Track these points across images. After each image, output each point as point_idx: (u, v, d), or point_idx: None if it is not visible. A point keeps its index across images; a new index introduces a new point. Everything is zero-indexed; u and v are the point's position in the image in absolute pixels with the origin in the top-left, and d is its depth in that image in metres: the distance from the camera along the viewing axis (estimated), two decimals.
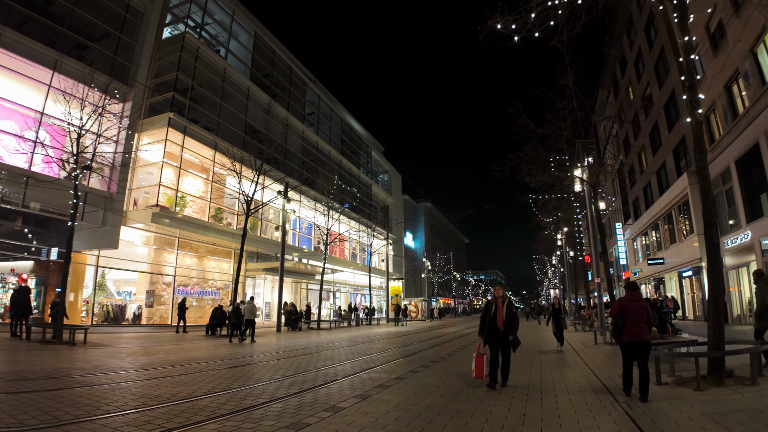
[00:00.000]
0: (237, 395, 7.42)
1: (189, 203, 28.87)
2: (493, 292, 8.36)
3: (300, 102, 42.29)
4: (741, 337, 13.41)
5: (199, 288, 30.51)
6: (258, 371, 10.24)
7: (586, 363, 10.80)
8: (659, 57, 30.04)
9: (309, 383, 8.52)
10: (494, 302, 8.17)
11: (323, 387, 8.12)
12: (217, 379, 9.13)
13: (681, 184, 25.79)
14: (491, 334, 7.97)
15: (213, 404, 6.72)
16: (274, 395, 7.39)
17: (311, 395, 7.38)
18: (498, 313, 8.00)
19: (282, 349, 15.92)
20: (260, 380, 8.93)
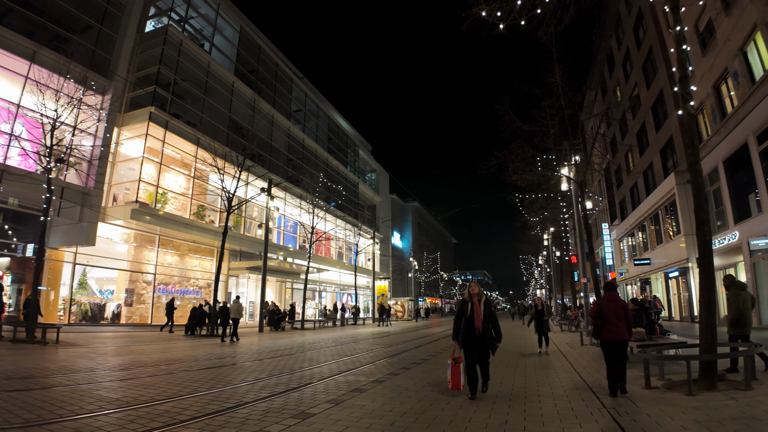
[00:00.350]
0: (202, 399, 6.96)
1: (170, 200, 28.26)
2: (468, 289, 7.34)
3: (286, 99, 41.72)
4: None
5: (181, 287, 29.86)
6: (231, 373, 9.76)
7: (571, 364, 10.45)
8: (647, 57, 29.89)
9: (282, 386, 8.07)
10: (470, 301, 7.15)
11: (295, 391, 7.66)
12: (186, 381, 8.66)
13: (668, 184, 25.63)
14: (468, 337, 6.96)
15: (174, 409, 6.27)
16: (243, 400, 6.94)
17: (281, 400, 6.93)
18: (475, 313, 6.99)
19: (260, 350, 15.44)
20: (231, 383, 8.46)
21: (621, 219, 39.67)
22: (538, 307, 14.35)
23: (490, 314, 7.06)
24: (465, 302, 7.18)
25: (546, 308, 14.38)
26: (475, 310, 7.01)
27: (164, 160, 27.39)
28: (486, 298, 7.22)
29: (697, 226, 7.58)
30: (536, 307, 14.51)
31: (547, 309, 14.67)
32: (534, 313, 14.63)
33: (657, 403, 6.18)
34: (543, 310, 14.06)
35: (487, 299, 7.24)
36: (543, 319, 13.86)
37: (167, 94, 27.69)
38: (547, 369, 10.02)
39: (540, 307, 14.22)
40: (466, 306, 7.14)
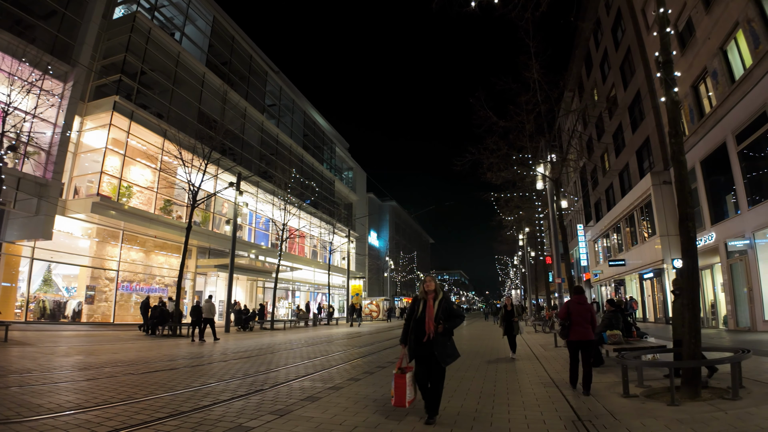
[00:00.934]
0: (133, 408, 6.17)
1: (136, 194, 27.14)
2: (422, 285, 5.95)
3: (260, 92, 40.69)
4: (708, 342, 12.75)
5: (146, 284, 28.71)
6: (174, 378, 8.93)
7: (545, 369, 9.86)
8: (625, 57, 29.75)
9: (228, 394, 7.29)
10: (423, 299, 5.81)
11: (241, 399, 6.89)
12: (125, 386, 7.85)
13: (644, 184, 25.40)
14: (418, 343, 5.59)
15: (97, 419, 5.47)
16: (179, 409, 6.16)
17: (221, 410, 6.16)
18: (427, 313, 5.62)
19: (219, 353, 14.57)
20: (174, 389, 7.65)
21: (596, 220, 39.57)
22: (507, 307, 12.99)
23: (448, 316, 5.66)
24: (417, 300, 5.86)
25: (516, 309, 13.12)
26: (427, 311, 5.63)
27: (129, 152, 26.30)
28: (444, 295, 5.80)
29: (680, 221, 7.04)
30: (505, 307, 13.12)
31: (517, 310, 13.29)
32: (503, 314, 13.10)
33: (638, 415, 5.57)
34: (512, 311, 12.74)
35: (446, 297, 5.82)
36: (512, 320, 12.51)
37: (133, 83, 26.60)
38: (519, 373, 9.41)
39: (509, 307, 12.89)
40: (417, 305, 5.80)
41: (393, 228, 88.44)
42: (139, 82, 27.18)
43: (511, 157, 17.74)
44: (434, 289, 5.80)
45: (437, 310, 5.64)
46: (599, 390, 7.19)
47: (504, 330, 12.78)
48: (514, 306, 13.03)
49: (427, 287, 5.83)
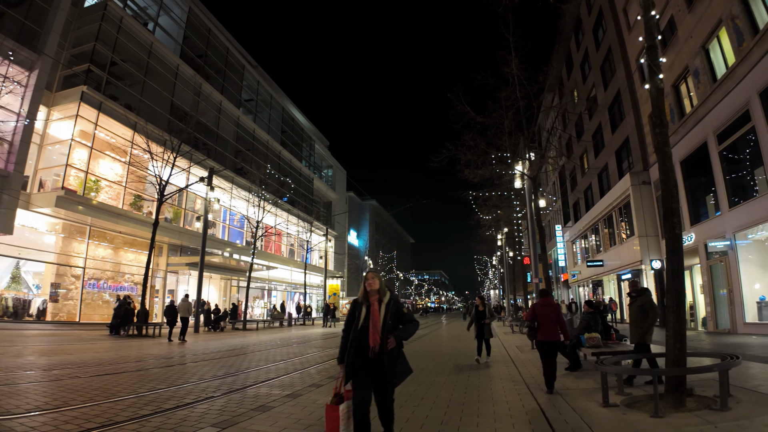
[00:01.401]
0: (65, 416, 5.49)
1: (104, 188, 26.14)
2: (363, 284, 4.45)
3: (236, 86, 39.74)
4: (688, 345, 12.34)
5: (115, 282, 27.69)
6: (121, 383, 8.20)
7: (520, 373, 9.34)
8: (606, 57, 29.58)
9: (174, 401, 6.61)
10: (364, 302, 4.35)
11: (186, 408, 6.22)
12: (71, 391, 7.18)
13: (623, 185, 25.17)
14: (358, 360, 4.14)
15: (21, 427, 4.76)
16: (114, 419, 5.49)
17: (159, 420, 5.51)
18: (371, 320, 4.19)
19: (180, 355, 13.81)
20: (118, 395, 7.02)
21: (575, 221, 39.44)
22: (478, 307, 11.83)
23: (399, 321, 4.30)
24: (358, 305, 4.37)
25: (489, 309, 11.78)
26: (371, 318, 4.19)
27: (97, 144, 25.32)
28: (392, 297, 4.37)
29: (664, 217, 6.54)
30: (476, 307, 11.96)
31: (490, 311, 11.83)
32: (474, 314, 11.92)
33: (619, 428, 5.04)
34: (485, 312, 11.60)
35: (394, 299, 4.37)
36: (483, 322, 11.41)
37: (103, 73, 25.63)
38: (492, 380, 8.87)
39: (481, 307, 11.71)
40: (358, 311, 4.32)
41: (373, 227, 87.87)
42: (110, 73, 26.26)
43: (488, 154, 17.24)
44: (379, 288, 4.34)
45: (384, 316, 4.20)
46: (577, 398, 6.68)
47: (475, 333, 11.63)
48: (487, 306, 11.88)
49: (369, 286, 4.33)
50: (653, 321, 7.48)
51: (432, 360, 11.89)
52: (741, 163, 16.25)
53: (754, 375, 7.79)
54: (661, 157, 6.64)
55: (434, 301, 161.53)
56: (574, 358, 9.12)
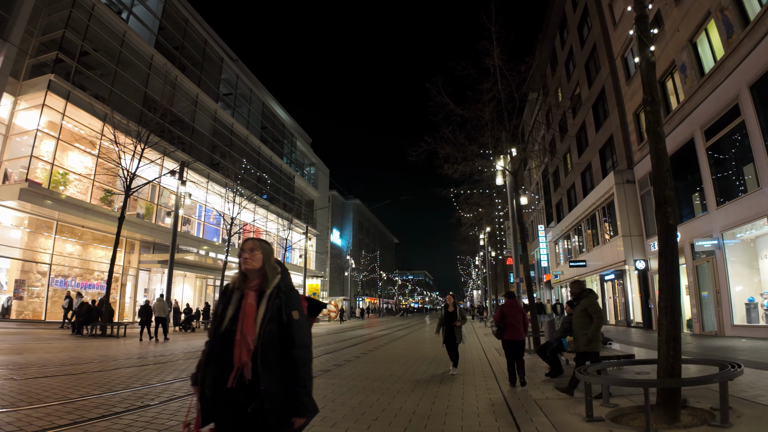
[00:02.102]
0: None
1: (72, 182, 25.05)
2: (240, 257, 2.56)
3: (215, 80, 38.61)
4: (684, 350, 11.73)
5: (83, 280, 26.52)
6: (57, 386, 7.29)
7: (497, 380, 8.58)
8: (591, 54, 29.08)
9: (101, 410, 5.71)
10: (236, 292, 2.55)
11: (103, 420, 5.34)
12: None
13: (607, 183, 24.62)
14: (215, 388, 2.35)
15: None
16: (24, 429, 4.61)
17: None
18: (241, 324, 2.40)
19: (136, 356, 12.85)
20: (42, 401, 6.09)
21: (557, 220, 38.98)
22: (448, 308, 9.92)
23: (288, 339, 2.40)
24: (226, 294, 2.59)
25: (460, 311, 9.84)
26: (241, 318, 2.41)
27: (65, 136, 24.26)
28: (281, 286, 2.50)
29: (657, 205, 5.82)
30: (445, 308, 10.03)
31: (461, 312, 9.88)
32: (443, 316, 9.93)
33: None
34: (455, 313, 9.74)
35: (285, 290, 2.50)
36: (454, 325, 9.61)
37: (72, 61, 24.52)
38: (465, 387, 8.08)
39: (451, 308, 9.85)
40: (223, 303, 2.54)
41: (356, 226, 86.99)
42: (80, 63, 25.21)
43: (468, 148, 16.44)
44: (261, 267, 2.52)
45: (264, 318, 2.40)
46: (557, 411, 5.92)
47: (443, 338, 9.75)
48: (459, 307, 9.99)
49: (246, 262, 2.51)
50: (598, 326, 6.71)
51: (405, 364, 11.09)
52: (729, 160, 15.71)
53: (751, 383, 7.08)
54: (653, 138, 5.91)
55: (418, 301, 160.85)
56: (555, 363, 8.39)
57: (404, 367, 10.47)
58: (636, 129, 22.77)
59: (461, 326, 9.76)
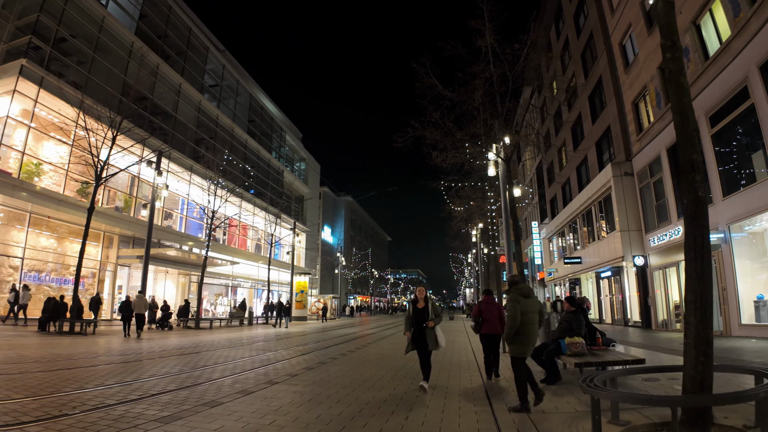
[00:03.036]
0: None
1: (47, 172, 23.81)
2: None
3: (199, 69, 37.27)
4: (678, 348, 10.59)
5: (57, 275, 25.24)
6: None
7: (485, 390, 7.47)
8: (587, 44, 28.09)
9: (27, 417, 4.57)
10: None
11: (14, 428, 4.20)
12: None
13: (604, 177, 23.57)
14: None
15: None
16: None
17: None
18: None
19: (92, 356, 11.61)
20: None
21: (551, 217, 38.00)
22: (417, 304, 7.57)
23: None
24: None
25: (433, 308, 7.45)
26: None
27: (38, 124, 23.02)
28: None
29: (683, 174, 4.69)
30: (413, 303, 7.66)
31: (434, 309, 7.46)
32: (411, 314, 7.58)
33: None
34: (426, 310, 7.42)
35: None
36: (425, 326, 7.28)
37: (47, 47, 23.29)
38: (448, 399, 6.96)
39: (421, 303, 7.54)
40: None
41: (348, 224, 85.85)
42: (57, 49, 24.04)
43: (457, 134, 15.26)
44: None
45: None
46: (556, 426, 4.82)
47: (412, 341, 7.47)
48: (432, 302, 7.54)
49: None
50: (509, 327, 5.96)
51: (384, 367, 9.94)
52: (736, 147, 14.69)
53: None
54: (676, 90, 4.78)
55: (410, 299, 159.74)
56: (552, 367, 7.28)
57: (383, 371, 9.33)
58: (635, 119, 21.75)
59: (435, 327, 7.30)
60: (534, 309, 6.06)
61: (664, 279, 19.30)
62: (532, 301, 6.09)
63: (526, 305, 6.00)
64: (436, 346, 7.30)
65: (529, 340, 6.00)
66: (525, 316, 5.94)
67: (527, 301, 6.04)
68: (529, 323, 5.96)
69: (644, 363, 6.48)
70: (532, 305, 6.06)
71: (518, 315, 5.89)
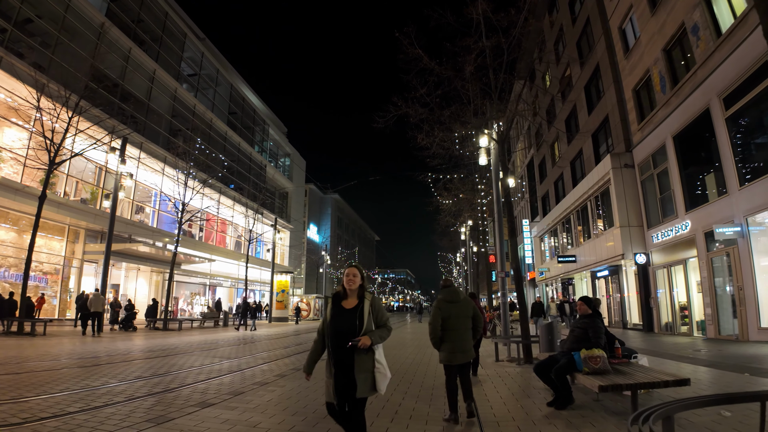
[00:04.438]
0: None
1: (7, 160, 22.05)
2: None
3: (175, 56, 35.35)
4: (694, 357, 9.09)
5: (17, 270, 23.33)
6: None
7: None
8: (583, 31, 26.62)
9: None
10: None
11: None
12: None
13: (602, 169, 22.04)
14: None
15: None
16: None
17: None
18: None
19: (15, 362, 9.85)
20: None
21: (543, 215, 36.56)
22: (344, 301, 3.80)
23: None
24: None
25: (375, 309, 3.75)
26: None
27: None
28: None
29: None
30: (336, 301, 3.81)
31: (376, 310, 3.75)
32: (327, 318, 3.76)
33: None
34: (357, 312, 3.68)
35: None
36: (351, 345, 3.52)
37: (8, 25, 21.64)
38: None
39: (352, 301, 3.78)
40: None
41: (335, 222, 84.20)
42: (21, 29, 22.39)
43: (444, 111, 13.58)
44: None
45: None
46: None
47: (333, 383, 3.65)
48: (371, 299, 3.78)
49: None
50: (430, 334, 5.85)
51: None
52: (755, 130, 13.20)
53: None
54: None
55: (398, 299, 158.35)
56: (563, 387, 5.67)
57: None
58: (636, 106, 20.27)
59: (375, 348, 3.69)
60: (462, 314, 5.71)
61: (668, 278, 17.79)
62: (458, 305, 5.74)
63: (449, 311, 5.70)
64: (373, 389, 3.61)
65: (455, 347, 5.57)
66: (448, 321, 5.65)
67: (452, 306, 5.73)
68: (452, 329, 5.62)
69: (689, 384, 4.89)
70: (458, 310, 5.71)
71: (438, 321, 5.67)
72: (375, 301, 3.77)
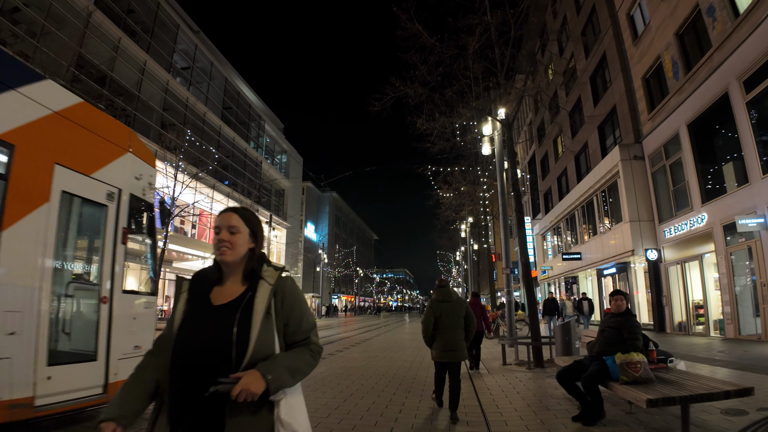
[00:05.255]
0: None
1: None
2: None
3: (168, 48, 34.22)
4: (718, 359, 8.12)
5: None
6: None
7: None
8: (588, 19, 25.74)
9: None
10: None
11: None
12: None
13: (610, 161, 21.05)
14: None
15: None
16: None
17: None
18: None
19: None
20: None
21: (545, 212, 35.60)
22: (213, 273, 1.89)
23: None
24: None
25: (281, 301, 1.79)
26: None
27: None
28: None
29: None
30: (199, 281, 1.88)
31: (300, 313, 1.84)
32: (177, 318, 1.77)
33: None
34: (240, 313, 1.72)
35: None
36: (217, 389, 1.54)
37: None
38: None
39: (226, 295, 1.78)
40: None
41: (333, 221, 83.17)
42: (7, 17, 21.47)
43: (445, 92, 12.57)
44: None
45: None
46: None
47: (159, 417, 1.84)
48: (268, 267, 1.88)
49: None
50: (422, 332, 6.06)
51: (338, 395, 7.35)
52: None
53: None
54: None
55: (397, 299, 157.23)
56: (595, 398, 4.70)
57: (337, 399, 6.72)
58: (646, 95, 19.31)
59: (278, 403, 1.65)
60: (453, 313, 5.82)
61: (682, 275, 16.79)
62: (450, 305, 5.86)
63: (440, 310, 5.83)
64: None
65: (445, 345, 5.70)
66: (440, 320, 5.78)
67: (443, 306, 5.86)
68: (444, 327, 5.76)
69: (752, 393, 3.95)
70: (450, 310, 5.83)
71: (429, 320, 5.83)
72: (287, 287, 1.82)
